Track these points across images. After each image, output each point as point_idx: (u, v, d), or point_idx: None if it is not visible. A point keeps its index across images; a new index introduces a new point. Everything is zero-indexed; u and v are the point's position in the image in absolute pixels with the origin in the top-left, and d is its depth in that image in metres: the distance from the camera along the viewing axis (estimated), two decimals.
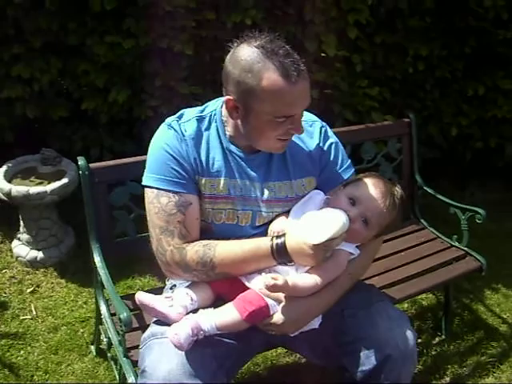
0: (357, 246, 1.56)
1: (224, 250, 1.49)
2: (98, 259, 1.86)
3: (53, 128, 3.01)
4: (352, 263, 1.55)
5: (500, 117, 3.25)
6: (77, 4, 2.47)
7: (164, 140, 1.54)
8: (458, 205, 2.41)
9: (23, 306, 2.52)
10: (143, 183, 1.56)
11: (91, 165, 1.88)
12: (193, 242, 1.52)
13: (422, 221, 2.61)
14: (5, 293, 2.58)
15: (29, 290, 2.60)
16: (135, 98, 2.79)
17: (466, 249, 2.37)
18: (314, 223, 1.44)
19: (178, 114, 1.60)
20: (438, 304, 2.69)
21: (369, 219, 1.51)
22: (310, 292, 1.47)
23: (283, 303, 1.47)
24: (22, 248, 2.72)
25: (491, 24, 3.02)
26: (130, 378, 1.60)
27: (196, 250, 1.49)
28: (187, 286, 1.56)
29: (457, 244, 2.41)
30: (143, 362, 1.47)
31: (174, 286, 1.66)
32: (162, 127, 1.58)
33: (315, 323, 1.54)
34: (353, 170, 1.71)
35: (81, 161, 1.87)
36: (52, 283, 2.65)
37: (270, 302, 1.47)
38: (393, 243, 2.45)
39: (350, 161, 1.72)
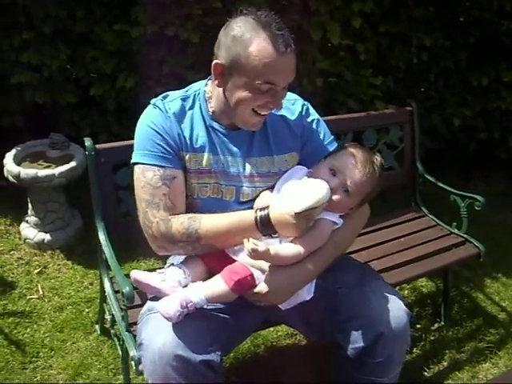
0: (341, 217, 1.58)
1: (209, 221, 1.52)
2: (102, 237, 1.91)
3: (61, 114, 3.07)
4: (336, 233, 1.58)
5: (504, 108, 3.28)
6: None
7: (149, 118, 1.59)
8: (458, 192, 2.43)
9: (30, 286, 2.58)
10: (132, 161, 1.61)
11: (97, 146, 1.94)
12: (178, 215, 1.56)
13: (423, 208, 2.63)
14: (12, 273, 2.64)
15: (36, 271, 2.66)
16: (142, 85, 2.84)
17: (465, 236, 2.39)
18: (295, 193, 1.49)
19: (163, 95, 1.65)
20: (438, 291, 2.72)
21: (350, 188, 1.54)
22: (293, 261, 1.50)
23: (267, 272, 1.50)
24: (29, 230, 2.79)
25: (495, 15, 3.04)
26: (132, 351, 1.64)
27: (181, 221, 1.53)
28: (181, 262, 1.61)
29: (456, 231, 2.44)
30: (140, 335, 1.52)
31: (172, 264, 1.70)
32: (148, 107, 1.64)
33: (305, 295, 1.57)
34: (335, 144, 1.74)
35: (87, 142, 1.93)
36: (59, 265, 2.71)
37: (256, 272, 1.51)
38: (393, 229, 2.49)
39: (332, 136, 1.76)
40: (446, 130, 3.41)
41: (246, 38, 1.46)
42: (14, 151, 2.70)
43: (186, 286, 1.53)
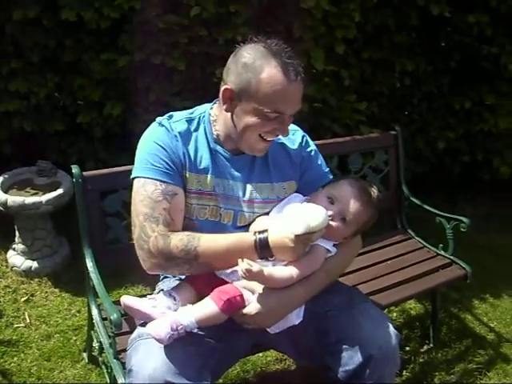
0: (335, 245, 1.61)
1: (208, 240, 1.53)
2: (90, 264, 1.90)
3: (49, 141, 3.08)
4: (329, 261, 1.60)
5: (486, 130, 3.34)
6: (73, 22, 2.54)
7: (155, 135, 1.60)
8: (443, 214, 2.46)
9: (17, 314, 2.56)
10: (132, 176, 1.61)
11: (84, 173, 1.95)
12: (177, 231, 1.56)
13: (409, 231, 2.66)
14: None
15: (23, 299, 2.64)
16: (129, 112, 2.88)
17: (451, 257, 2.42)
18: (295, 216, 1.50)
19: (168, 115, 1.67)
20: (426, 313, 2.74)
21: (347, 217, 1.57)
22: (285, 284, 1.51)
23: (257, 293, 1.51)
24: (17, 258, 2.77)
25: (475, 39, 3.12)
26: (120, 379, 1.63)
27: (180, 238, 1.52)
28: (171, 289, 1.61)
29: (442, 253, 2.46)
30: (130, 361, 1.50)
31: (162, 290, 1.70)
32: (153, 125, 1.65)
33: (294, 320, 1.58)
34: (331, 176, 1.79)
35: (75, 169, 1.94)
36: (46, 292, 2.69)
37: (246, 293, 1.52)
38: (380, 252, 2.51)
39: (328, 168, 1.81)
40: (431, 153, 3.46)
41: (257, 65, 1.49)
42: (1, 179, 2.70)
43: (175, 311, 1.54)
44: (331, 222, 1.55)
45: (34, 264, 2.74)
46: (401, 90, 3.25)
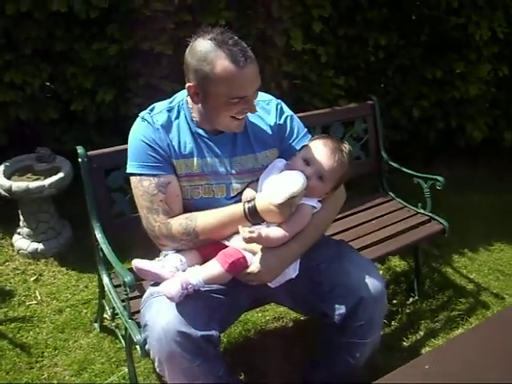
0: (319, 201, 1.78)
1: (204, 219, 1.71)
2: (99, 236, 2.06)
3: (44, 130, 3.20)
4: (316, 216, 1.77)
5: (458, 97, 3.53)
6: (63, 13, 2.66)
7: (140, 131, 1.76)
8: (420, 175, 2.65)
9: (28, 293, 2.71)
10: (127, 171, 1.78)
11: (89, 152, 2.10)
12: (176, 216, 1.74)
13: (390, 193, 2.86)
14: (10, 282, 2.77)
15: (32, 279, 2.79)
16: (121, 97, 3.01)
17: (430, 214, 2.62)
18: (275, 185, 1.68)
19: (149, 108, 1.82)
20: (410, 269, 2.94)
21: (323, 175, 1.74)
22: (281, 242, 1.69)
23: (258, 254, 1.69)
24: (22, 241, 2.91)
25: (443, 12, 3.29)
26: (137, 336, 1.79)
27: (179, 222, 1.72)
28: (177, 251, 1.78)
29: (422, 211, 2.66)
30: (144, 318, 1.68)
31: (167, 255, 1.87)
32: (137, 120, 1.80)
33: (291, 273, 1.76)
34: (309, 136, 1.92)
35: (80, 149, 2.09)
36: (53, 271, 2.85)
37: (247, 254, 1.70)
38: (363, 214, 2.71)
39: (305, 129, 1.94)
40: (407, 122, 3.64)
41: (209, 59, 1.60)
42: (2, 167, 2.82)
43: (183, 271, 1.71)
44: (310, 182, 1.71)
45: (40, 246, 2.89)
46: (375, 64, 3.41)
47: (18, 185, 2.69)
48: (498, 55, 3.55)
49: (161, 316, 1.60)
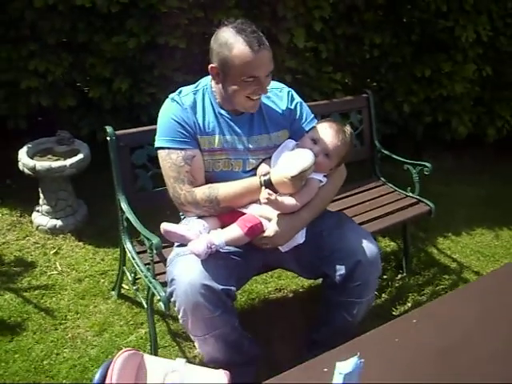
0: (325, 176, 2.05)
1: (225, 188, 1.97)
2: (125, 206, 2.29)
3: (61, 116, 3.43)
4: (322, 189, 2.04)
5: (445, 95, 3.82)
6: (86, 7, 2.90)
7: (170, 110, 2.00)
8: (410, 161, 2.92)
9: (49, 264, 2.93)
10: (156, 146, 2.02)
11: (117, 132, 2.33)
12: (199, 186, 1.99)
13: (382, 179, 3.13)
14: (31, 255, 2.99)
15: (52, 252, 3.01)
16: (135, 87, 3.25)
17: (418, 197, 2.87)
18: (289, 161, 1.94)
19: (178, 91, 2.06)
20: (399, 249, 3.21)
21: (329, 152, 2.01)
22: (292, 210, 1.95)
23: (272, 220, 1.95)
24: (42, 218, 3.14)
25: (433, 15, 3.57)
26: (161, 293, 2.03)
27: (203, 191, 1.97)
28: (199, 217, 2.03)
29: (410, 194, 2.92)
30: (171, 274, 1.90)
31: (189, 223, 2.12)
32: (167, 101, 2.04)
33: (299, 239, 2.01)
34: (316, 120, 2.19)
35: (109, 129, 2.32)
36: (71, 246, 3.08)
37: (264, 221, 1.95)
38: (357, 196, 2.96)
39: (313, 115, 2.20)
40: (398, 116, 3.92)
41: (229, 43, 1.85)
42: (25, 148, 3.04)
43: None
44: (317, 159, 1.97)
45: (59, 222, 3.12)
46: (370, 61, 3.69)
47: (42, 164, 2.91)
48: (483, 56, 3.85)
49: (187, 271, 1.83)
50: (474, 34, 3.59)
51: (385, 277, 2.98)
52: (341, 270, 2.01)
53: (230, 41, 1.86)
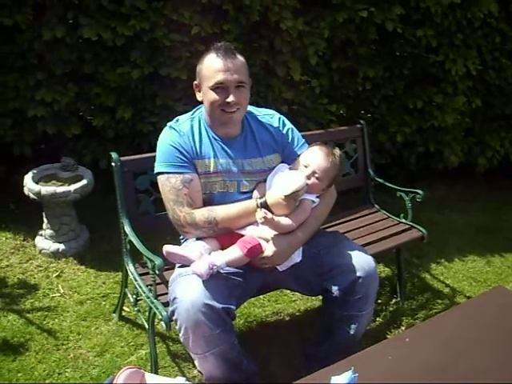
0: (317, 197, 2.16)
1: (223, 210, 2.07)
2: (128, 230, 2.37)
3: (64, 143, 3.53)
4: (316, 209, 2.16)
5: (437, 125, 3.95)
6: (92, 40, 3.04)
7: (169, 137, 2.12)
8: (403, 189, 3.02)
9: (51, 286, 2.99)
10: (156, 171, 2.13)
11: (121, 158, 2.43)
12: (198, 208, 2.08)
13: (376, 206, 3.23)
14: (34, 278, 3.06)
15: (54, 275, 3.08)
16: (138, 116, 3.37)
17: (410, 223, 2.97)
18: (282, 182, 2.06)
19: (175, 119, 2.19)
20: (393, 275, 3.29)
21: (319, 174, 2.13)
22: (289, 229, 2.06)
23: (270, 241, 2.04)
24: (45, 242, 3.22)
25: (424, 50, 3.73)
26: (162, 313, 2.10)
27: (202, 213, 2.06)
28: (200, 239, 2.11)
29: (403, 220, 3.02)
30: (173, 293, 1.97)
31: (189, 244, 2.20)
32: (166, 129, 2.17)
33: (296, 258, 2.11)
34: (306, 145, 2.31)
35: (114, 155, 2.42)
36: (73, 269, 3.15)
37: (262, 241, 2.05)
38: (351, 223, 3.04)
39: (303, 140, 2.33)
40: (391, 146, 4.05)
41: (204, 58, 2.08)
42: (30, 174, 3.13)
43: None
44: (309, 181, 2.10)
45: (61, 246, 3.20)
46: (364, 93, 3.83)
47: (47, 189, 3.01)
48: (472, 89, 4.01)
49: (189, 290, 1.90)
50: (464, 68, 3.75)
51: (379, 301, 3.05)
52: (341, 284, 2.10)
53: (205, 55, 2.09)
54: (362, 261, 2.10)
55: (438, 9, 3.53)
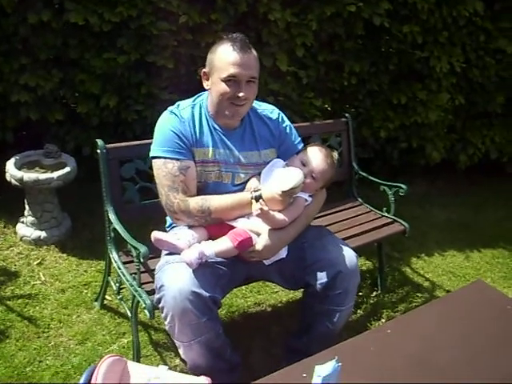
0: (310, 196, 2.17)
1: (217, 201, 2.07)
2: (113, 217, 2.36)
3: (47, 129, 3.49)
4: (307, 207, 2.17)
5: (420, 122, 3.99)
6: (79, 25, 3.00)
7: (169, 122, 2.10)
8: (386, 183, 3.06)
9: (32, 274, 2.97)
10: (152, 155, 2.10)
11: (107, 145, 2.41)
12: (192, 196, 2.07)
13: (359, 199, 3.26)
14: (15, 265, 3.02)
15: (35, 263, 3.05)
16: (123, 104, 3.34)
17: (393, 217, 3.01)
18: (280, 177, 2.06)
19: (176, 104, 2.17)
20: (374, 268, 3.33)
21: (317, 175, 2.15)
22: (282, 225, 2.06)
23: (262, 235, 2.05)
24: (26, 229, 3.18)
25: (409, 46, 3.76)
26: (147, 301, 2.09)
27: (196, 201, 2.06)
28: (189, 228, 2.11)
29: (386, 214, 3.06)
30: (160, 280, 1.96)
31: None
32: (166, 113, 2.14)
33: (283, 253, 2.13)
34: (302, 144, 2.33)
35: (99, 142, 2.40)
36: (55, 257, 3.12)
37: (253, 235, 2.05)
38: (335, 215, 3.07)
39: (300, 138, 2.34)
40: (375, 142, 4.08)
41: (217, 47, 2.04)
42: (13, 160, 3.09)
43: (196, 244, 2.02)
44: (305, 180, 2.10)
45: (43, 233, 3.17)
46: (349, 88, 3.85)
47: (29, 175, 2.97)
48: (456, 86, 4.05)
49: (177, 278, 1.90)
50: (448, 65, 3.78)
51: (360, 293, 3.09)
52: (322, 279, 2.10)
53: (218, 45, 2.04)
54: (344, 256, 2.12)
55: (425, 5, 3.55)
